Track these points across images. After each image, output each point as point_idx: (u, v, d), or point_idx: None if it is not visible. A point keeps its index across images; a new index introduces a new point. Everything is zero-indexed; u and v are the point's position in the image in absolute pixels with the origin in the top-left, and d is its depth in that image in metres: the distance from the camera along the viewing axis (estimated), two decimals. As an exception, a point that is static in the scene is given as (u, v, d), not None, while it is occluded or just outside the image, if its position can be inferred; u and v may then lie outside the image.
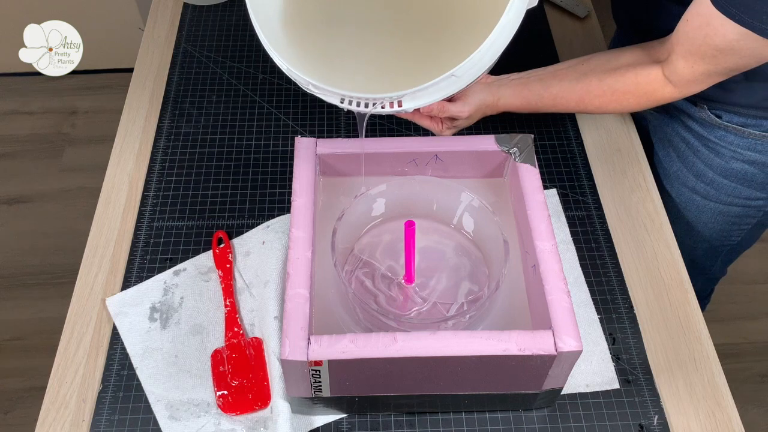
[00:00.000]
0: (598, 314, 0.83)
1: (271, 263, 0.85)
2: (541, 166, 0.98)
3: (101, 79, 2.25)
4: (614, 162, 1.00)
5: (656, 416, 0.76)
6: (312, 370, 0.65)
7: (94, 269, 0.87)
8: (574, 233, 0.91)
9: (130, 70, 1.12)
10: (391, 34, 0.79)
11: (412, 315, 0.74)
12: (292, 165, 0.82)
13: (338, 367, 0.65)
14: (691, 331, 0.82)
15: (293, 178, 0.77)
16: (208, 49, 1.16)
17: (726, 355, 1.35)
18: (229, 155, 1.00)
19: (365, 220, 0.81)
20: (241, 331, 0.80)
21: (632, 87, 0.83)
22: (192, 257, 0.88)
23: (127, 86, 1.09)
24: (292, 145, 0.91)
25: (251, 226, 0.91)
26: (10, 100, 2.22)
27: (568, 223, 0.92)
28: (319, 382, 0.67)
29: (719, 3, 0.69)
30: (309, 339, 0.64)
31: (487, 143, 0.81)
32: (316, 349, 0.63)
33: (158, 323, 0.82)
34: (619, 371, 0.79)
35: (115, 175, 0.98)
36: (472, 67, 0.65)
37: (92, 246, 0.90)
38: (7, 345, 1.67)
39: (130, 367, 0.79)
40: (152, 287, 0.85)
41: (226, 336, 0.80)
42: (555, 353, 0.64)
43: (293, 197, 0.75)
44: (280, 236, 0.88)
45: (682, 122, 0.98)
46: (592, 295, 0.85)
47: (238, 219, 0.92)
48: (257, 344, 0.79)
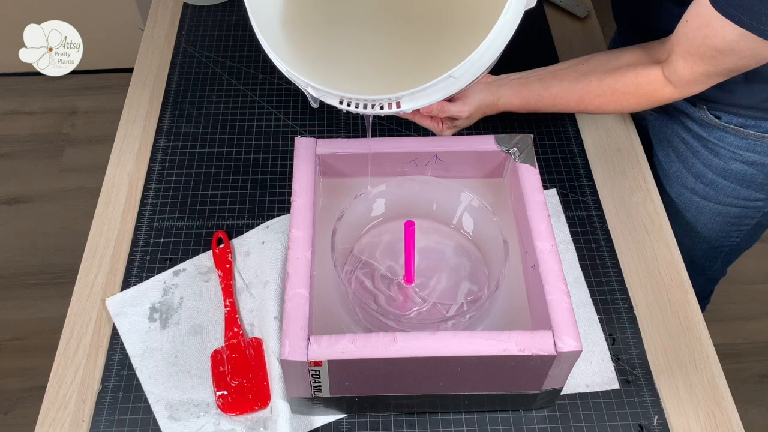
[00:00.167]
0: (598, 314, 0.83)
1: (271, 263, 0.85)
2: (541, 166, 0.98)
3: (101, 79, 2.25)
4: (614, 162, 1.00)
5: (656, 416, 0.76)
6: (312, 370, 0.65)
7: (94, 269, 0.87)
8: (573, 233, 0.91)
9: (130, 70, 1.12)
10: (391, 35, 0.79)
11: (412, 315, 0.74)
12: (292, 165, 0.82)
13: (338, 367, 0.65)
14: (690, 332, 0.82)
15: (293, 179, 0.77)
16: (208, 49, 1.16)
17: (726, 355, 1.35)
18: (229, 155, 1.00)
19: (365, 220, 0.81)
20: (241, 332, 0.80)
21: (632, 87, 0.83)
22: (192, 257, 0.88)
23: (127, 86, 1.10)
24: (292, 145, 0.91)
25: (251, 226, 0.91)
26: (10, 100, 2.22)
27: (568, 223, 0.92)
28: (319, 382, 0.67)
29: (718, 4, 0.69)
30: (309, 339, 0.64)
31: (486, 143, 0.81)
32: (315, 350, 0.63)
33: (158, 323, 0.82)
34: (619, 371, 0.79)
35: (115, 175, 0.98)
36: (470, 68, 0.65)
37: (92, 246, 0.90)
38: (7, 345, 1.67)
39: (130, 368, 0.79)
40: (152, 287, 0.85)
41: (226, 336, 0.80)
42: (555, 353, 0.64)
43: (293, 197, 0.75)
44: (280, 236, 0.88)
45: (681, 123, 0.98)
46: (591, 295, 0.85)
47: (238, 219, 0.92)
48: (257, 344, 0.79)
